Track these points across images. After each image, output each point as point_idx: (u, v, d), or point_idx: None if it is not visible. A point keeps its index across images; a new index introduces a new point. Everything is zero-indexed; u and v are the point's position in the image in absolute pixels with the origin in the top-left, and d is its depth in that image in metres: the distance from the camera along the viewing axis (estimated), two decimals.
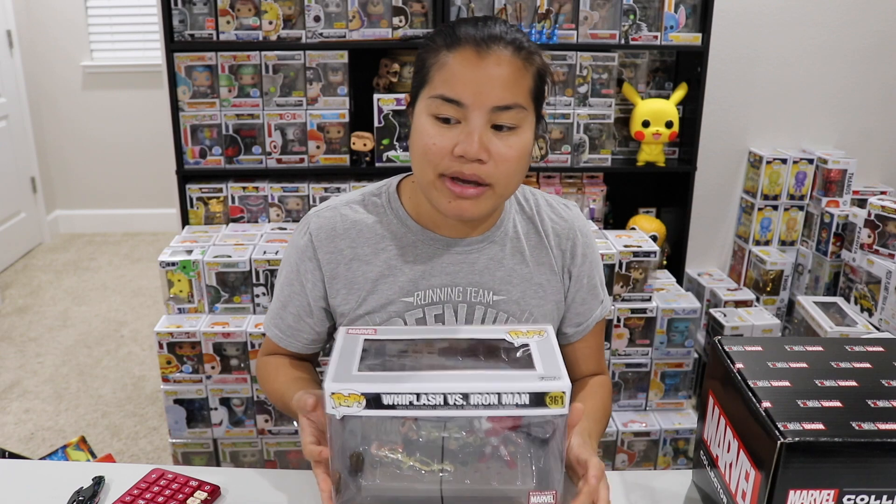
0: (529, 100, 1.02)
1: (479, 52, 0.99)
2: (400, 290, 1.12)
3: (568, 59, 2.33)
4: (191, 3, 2.25)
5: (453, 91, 0.99)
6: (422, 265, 1.13)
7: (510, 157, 1.01)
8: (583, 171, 2.46)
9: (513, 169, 1.02)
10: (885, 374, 0.89)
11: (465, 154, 0.99)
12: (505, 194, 1.06)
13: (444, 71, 1.00)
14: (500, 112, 0.99)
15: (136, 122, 4.39)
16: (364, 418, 0.85)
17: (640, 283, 2.17)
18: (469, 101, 0.98)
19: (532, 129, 1.05)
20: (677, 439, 2.21)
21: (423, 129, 1.02)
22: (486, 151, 0.99)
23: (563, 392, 0.83)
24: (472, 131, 0.99)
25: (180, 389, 2.07)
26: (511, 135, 1.01)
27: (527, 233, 1.17)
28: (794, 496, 0.77)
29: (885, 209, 2.27)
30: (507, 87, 0.99)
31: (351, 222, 1.14)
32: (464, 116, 1.00)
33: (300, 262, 1.15)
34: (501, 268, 1.14)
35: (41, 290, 3.72)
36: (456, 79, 0.99)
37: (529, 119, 1.03)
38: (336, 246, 1.13)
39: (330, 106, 2.33)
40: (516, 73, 1.00)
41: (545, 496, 0.89)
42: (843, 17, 2.57)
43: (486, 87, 0.98)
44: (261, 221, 2.41)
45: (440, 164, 1.01)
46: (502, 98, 0.99)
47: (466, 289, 1.13)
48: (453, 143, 0.99)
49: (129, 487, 1.01)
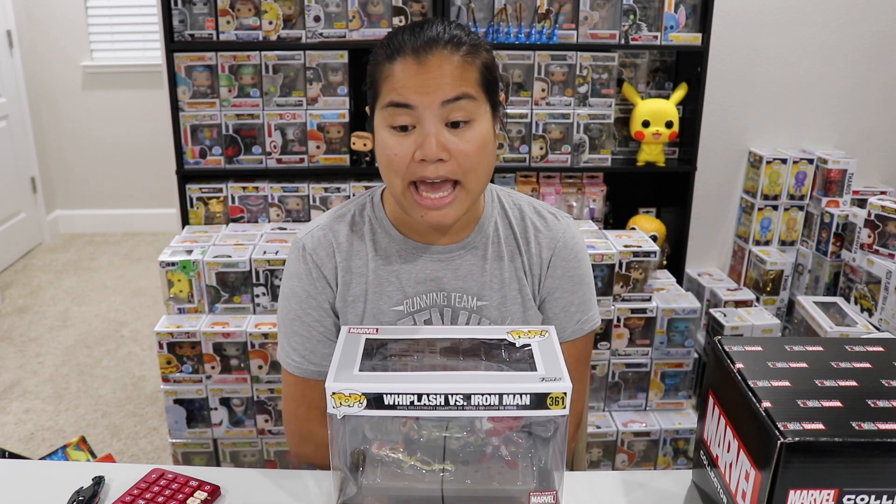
0: (479, 89, 1.03)
1: (419, 57, 1.01)
2: (389, 299, 1.14)
3: (568, 59, 2.33)
4: (191, 3, 2.25)
5: (400, 96, 1.01)
6: (407, 273, 1.14)
7: (470, 150, 1.02)
8: (583, 171, 2.46)
9: (475, 162, 1.03)
10: (885, 374, 0.89)
11: (425, 157, 1.00)
12: (476, 189, 1.06)
13: (390, 81, 1.02)
14: (451, 105, 1.00)
15: (136, 122, 4.39)
16: (365, 418, 0.85)
17: (640, 283, 2.17)
18: (417, 102, 1.00)
19: (489, 120, 1.06)
20: (677, 439, 2.22)
21: (383, 142, 1.04)
22: (445, 150, 1.01)
23: (564, 393, 0.83)
24: (427, 133, 1.00)
25: (180, 389, 2.07)
26: (467, 129, 1.02)
27: (506, 237, 1.17)
28: (794, 496, 0.77)
29: (885, 209, 2.27)
30: (453, 80, 1.01)
31: (343, 238, 1.15)
32: (417, 120, 1.01)
33: (309, 286, 1.14)
34: (483, 273, 1.15)
35: (41, 290, 3.72)
36: (401, 84, 1.01)
37: (483, 109, 1.04)
38: (333, 262, 1.14)
39: (330, 106, 2.33)
40: (459, 67, 1.02)
41: (546, 496, 0.89)
42: (843, 17, 2.57)
43: (431, 86, 1.00)
44: (261, 221, 2.41)
45: (405, 171, 1.03)
46: (450, 91, 1.00)
47: (451, 294, 1.14)
48: (413, 148, 1.01)
49: (129, 487, 1.01)
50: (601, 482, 1.05)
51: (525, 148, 2.39)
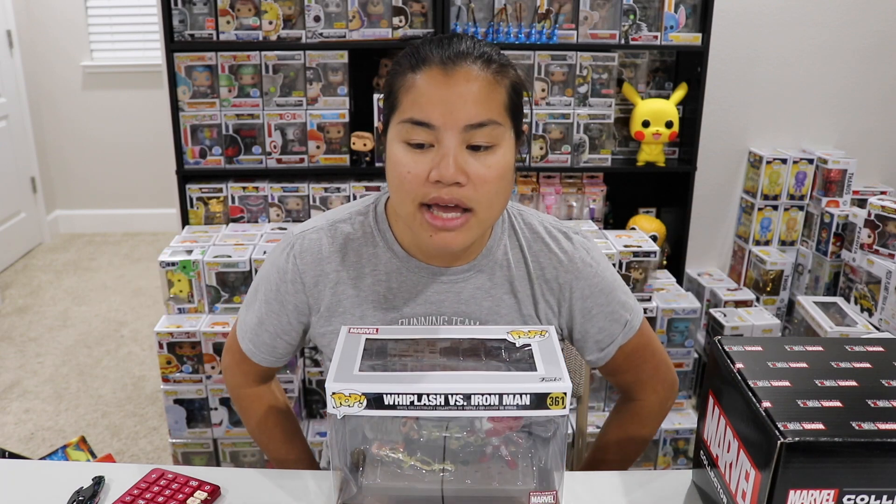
0: (505, 115, 0.97)
1: (446, 69, 0.94)
2: (383, 317, 1.10)
3: (568, 59, 2.33)
4: (191, 3, 2.25)
5: (422, 113, 0.94)
6: (406, 293, 1.10)
7: (489, 177, 0.96)
8: (583, 171, 2.46)
9: (494, 190, 0.97)
10: (885, 374, 0.89)
11: (441, 178, 0.94)
12: (488, 218, 1.00)
13: (412, 93, 0.96)
14: (475, 130, 0.94)
15: (136, 122, 4.39)
16: (365, 418, 0.85)
17: (640, 283, 2.17)
18: (440, 122, 0.94)
19: (511, 147, 1.00)
20: (677, 439, 2.22)
21: (397, 158, 0.97)
22: (463, 174, 0.94)
23: (564, 393, 0.83)
24: (446, 153, 0.94)
25: (180, 389, 2.07)
26: (488, 154, 0.96)
27: (517, 262, 1.12)
28: (794, 496, 0.77)
29: (885, 209, 2.27)
30: (479, 103, 0.94)
31: (338, 245, 1.10)
32: (436, 139, 0.95)
33: (281, 284, 1.11)
34: (489, 297, 1.11)
35: (41, 290, 3.72)
36: (424, 100, 0.94)
37: (507, 136, 0.98)
38: (322, 269, 1.10)
39: (330, 106, 2.33)
40: (487, 87, 0.95)
41: (546, 496, 0.89)
42: (843, 17, 2.57)
43: (457, 105, 0.94)
44: (261, 221, 2.41)
45: (418, 192, 0.96)
46: (475, 115, 0.94)
47: (451, 318, 1.10)
48: (428, 168, 0.95)
49: (129, 487, 1.01)
50: (601, 482, 1.05)
51: (525, 148, 2.39)
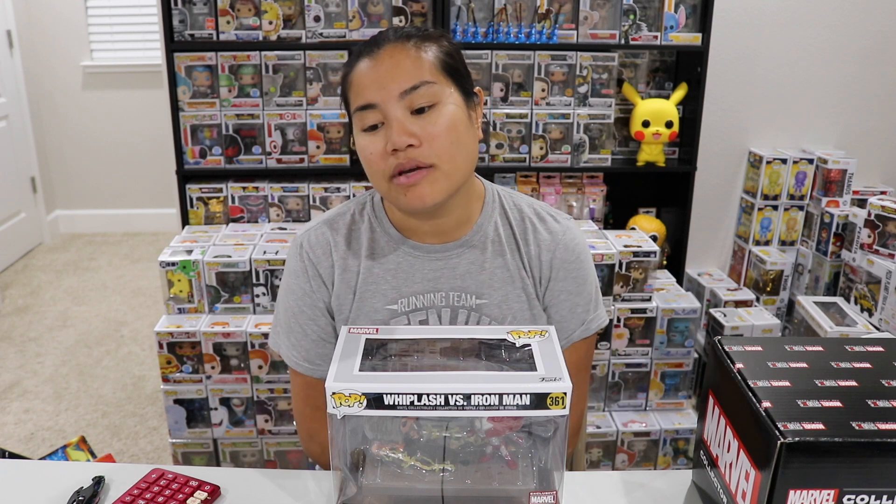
0: (438, 74, 1.05)
1: (372, 55, 1.05)
2: (383, 297, 1.14)
3: (568, 59, 2.33)
4: (191, 3, 2.25)
5: (363, 97, 1.04)
6: (403, 273, 1.15)
7: (437, 132, 1.03)
8: (583, 171, 2.46)
9: (447, 142, 1.03)
10: (885, 374, 0.89)
11: (395, 145, 1.02)
12: (454, 170, 1.06)
13: (353, 86, 1.06)
14: (410, 95, 1.02)
15: (136, 122, 4.39)
16: (365, 418, 0.85)
17: (640, 283, 2.17)
18: (378, 99, 1.03)
19: (457, 102, 1.06)
20: (677, 439, 2.22)
21: (361, 146, 1.07)
22: (412, 136, 1.02)
23: (564, 393, 0.83)
24: (390, 123, 1.02)
25: (180, 389, 2.07)
26: (432, 112, 1.03)
27: (508, 237, 1.17)
28: (794, 496, 0.77)
29: (885, 209, 2.27)
30: (407, 70, 1.03)
31: (340, 236, 1.17)
32: (384, 116, 1.03)
33: (305, 284, 1.16)
34: (483, 271, 1.15)
35: (41, 290, 3.72)
36: (361, 86, 1.05)
37: (448, 92, 1.05)
38: (330, 261, 1.16)
39: (330, 106, 2.33)
40: (412, 56, 1.04)
41: (546, 496, 0.89)
42: (843, 17, 2.57)
43: (386, 79, 1.03)
44: (261, 221, 2.41)
45: (383, 167, 1.04)
46: (406, 81, 1.02)
47: (449, 293, 1.14)
48: (384, 143, 1.03)
49: (129, 487, 1.01)
50: (601, 482, 1.05)
51: (525, 148, 2.39)
